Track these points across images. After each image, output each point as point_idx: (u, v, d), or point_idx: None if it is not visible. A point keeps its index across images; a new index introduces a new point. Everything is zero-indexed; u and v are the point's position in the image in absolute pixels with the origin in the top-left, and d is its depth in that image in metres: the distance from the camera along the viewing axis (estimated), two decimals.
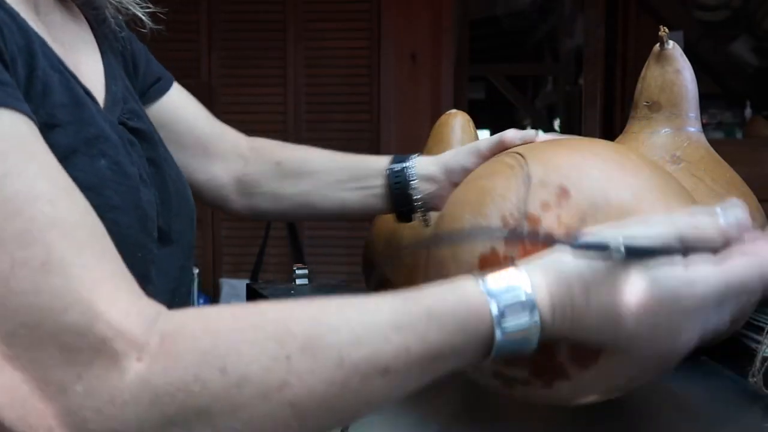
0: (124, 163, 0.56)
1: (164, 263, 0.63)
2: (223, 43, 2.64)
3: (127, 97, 0.66)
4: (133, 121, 0.64)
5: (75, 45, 0.64)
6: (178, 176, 0.69)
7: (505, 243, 0.54)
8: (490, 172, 0.60)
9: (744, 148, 2.72)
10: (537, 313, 0.45)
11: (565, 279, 0.45)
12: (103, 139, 0.55)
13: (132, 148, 0.61)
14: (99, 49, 0.68)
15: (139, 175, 0.59)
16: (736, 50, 3.23)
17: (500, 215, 0.56)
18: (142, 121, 0.65)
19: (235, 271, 2.74)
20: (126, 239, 0.52)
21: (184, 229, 0.67)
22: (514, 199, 0.55)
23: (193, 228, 0.70)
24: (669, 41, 0.79)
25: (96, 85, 0.63)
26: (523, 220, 0.54)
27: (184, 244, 0.66)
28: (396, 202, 0.79)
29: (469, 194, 0.61)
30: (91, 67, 0.65)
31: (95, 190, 0.51)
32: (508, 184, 0.56)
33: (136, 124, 0.64)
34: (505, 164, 0.59)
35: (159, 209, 0.62)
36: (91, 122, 0.54)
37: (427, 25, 2.65)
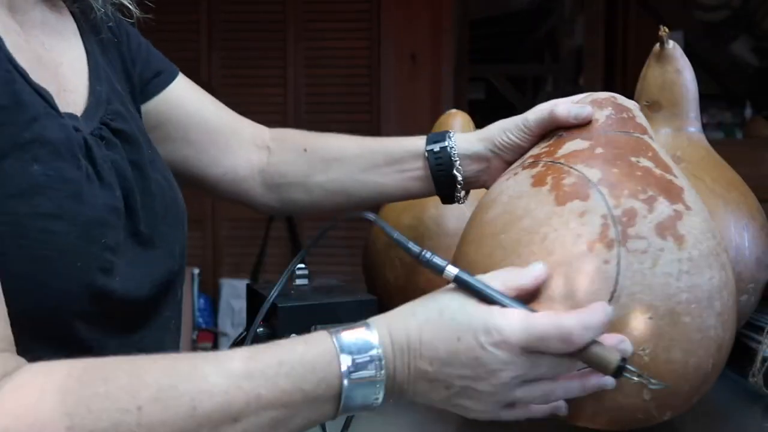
0: (64, 169, 0.53)
1: (146, 267, 0.61)
2: (223, 43, 2.64)
3: (112, 98, 0.64)
4: (116, 122, 0.62)
5: (56, 44, 0.63)
6: (165, 179, 0.67)
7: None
8: (575, 253, 0.54)
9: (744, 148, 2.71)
10: (382, 363, 0.47)
11: (406, 335, 0.48)
12: (39, 144, 0.52)
13: (113, 149, 0.60)
14: (85, 49, 0.66)
15: (99, 178, 0.56)
16: (736, 50, 3.23)
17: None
18: (126, 123, 0.63)
19: (235, 271, 2.74)
20: (62, 248, 0.51)
21: (171, 232, 0.65)
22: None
23: (182, 231, 0.68)
24: (669, 41, 0.79)
25: (78, 86, 0.62)
26: None
27: (170, 247, 0.65)
28: (439, 184, 0.74)
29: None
30: (73, 67, 0.63)
31: (24, 197, 0.49)
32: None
33: (120, 126, 0.62)
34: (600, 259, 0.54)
35: (141, 212, 0.61)
36: (29, 126, 0.52)
37: (427, 25, 2.65)
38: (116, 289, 0.56)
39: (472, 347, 0.47)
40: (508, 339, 0.47)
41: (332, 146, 0.79)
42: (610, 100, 0.65)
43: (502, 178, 0.65)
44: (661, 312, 0.52)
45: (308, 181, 0.79)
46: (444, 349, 0.48)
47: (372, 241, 1.00)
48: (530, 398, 0.50)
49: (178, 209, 0.68)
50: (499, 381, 0.48)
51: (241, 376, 0.44)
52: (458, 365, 0.48)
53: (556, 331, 0.47)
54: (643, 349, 0.52)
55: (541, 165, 0.61)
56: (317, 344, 0.47)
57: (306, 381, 0.45)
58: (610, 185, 0.56)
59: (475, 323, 0.48)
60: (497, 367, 0.47)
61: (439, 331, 0.48)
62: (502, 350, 0.47)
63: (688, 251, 0.55)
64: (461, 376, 0.48)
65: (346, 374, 0.46)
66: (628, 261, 0.53)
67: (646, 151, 0.61)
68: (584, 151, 0.60)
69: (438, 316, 0.49)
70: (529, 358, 0.47)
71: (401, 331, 0.48)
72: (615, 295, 0.52)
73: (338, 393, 0.46)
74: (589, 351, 0.48)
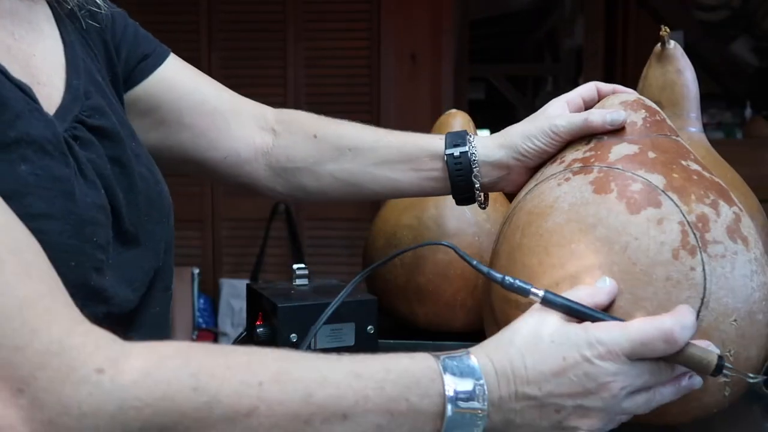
0: (53, 167, 0.52)
1: (131, 265, 0.60)
2: (223, 43, 2.64)
3: (91, 92, 0.61)
4: (93, 118, 0.59)
5: (27, 35, 0.59)
6: (150, 172, 0.65)
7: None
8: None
9: (744, 148, 2.72)
10: (485, 395, 0.46)
11: (509, 362, 0.48)
12: (26, 144, 0.50)
13: (90, 148, 0.58)
14: (62, 39, 0.63)
15: (83, 176, 0.55)
16: (736, 50, 3.23)
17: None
18: (105, 118, 0.61)
19: (235, 271, 2.73)
20: (55, 247, 0.49)
21: (156, 229, 0.64)
22: None
23: (167, 226, 0.66)
24: (670, 41, 0.79)
25: (53, 78, 0.59)
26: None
27: (154, 245, 0.63)
28: (456, 188, 0.72)
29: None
30: (47, 58, 0.60)
31: (15, 197, 0.47)
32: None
33: (98, 122, 0.60)
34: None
35: (125, 210, 0.59)
36: (12, 125, 0.50)
37: (427, 26, 2.65)
38: (107, 288, 0.56)
39: (579, 363, 0.48)
40: (612, 349, 0.48)
41: (346, 135, 0.77)
42: (640, 103, 0.65)
43: (549, 183, 0.63)
44: (742, 313, 0.54)
45: (318, 168, 0.76)
46: (550, 371, 0.48)
47: (372, 241, 1.00)
48: (635, 408, 0.50)
49: (163, 204, 0.66)
50: (609, 393, 0.48)
51: (351, 375, 0.44)
52: (567, 384, 0.48)
53: (658, 333, 0.48)
54: (729, 351, 0.54)
55: (596, 171, 0.60)
56: (421, 361, 0.47)
57: (411, 392, 0.45)
58: (676, 191, 0.57)
59: (577, 340, 0.48)
60: (607, 379, 0.48)
61: (542, 354, 0.48)
62: (608, 361, 0.48)
63: (753, 251, 0.57)
64: (572, 395, 0.48)
65: (452, 399, 0.45)
66: (711, 266, 0.54)
67: (689, 154, 0.61)
68: (636, 156, 0.60)
69: (536, 339, 0.49)
70: (634, 367, 0.48)
71: (503, 359, 0.48)
72: (705, 301, 0.53)
73: (441, 413, 0.45)
74: (688, 353, 0.49)
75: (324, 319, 0.64)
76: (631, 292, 0.54)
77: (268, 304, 0.80)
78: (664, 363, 0.50)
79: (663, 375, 0.50)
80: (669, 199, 0.56)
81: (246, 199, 2.67)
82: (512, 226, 0.64)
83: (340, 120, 0.80)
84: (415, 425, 0.45)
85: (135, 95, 0.72)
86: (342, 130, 0.78)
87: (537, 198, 0.63)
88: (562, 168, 0.63)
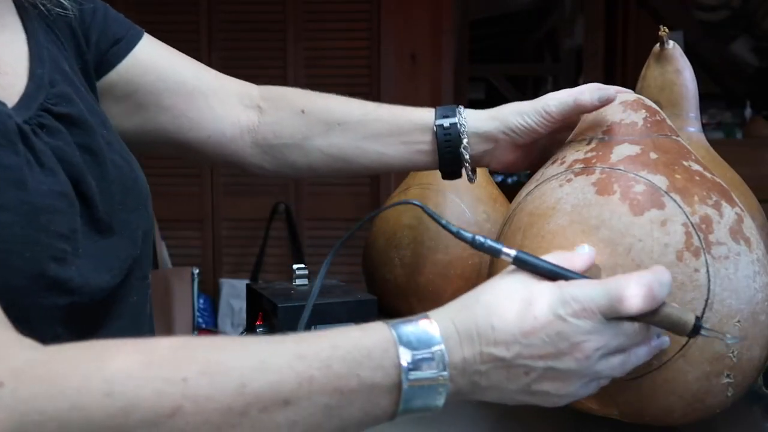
0: (1, 156, 0.51)
1: (108, 254, 0.59)
2: (223, 43, 2.64)
3: (57, 80, 0.60)
4: (60, 106, 0.58)
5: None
6: (125, 160, 0.63)
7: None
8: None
9: (744, 148, 2.72)
10: (445, 361, 0.44)
11: (474, 323, 0.45)
12: None
13: (57, 136, 0.57)
14: (24, 28, 0.62)
15: (39, 164, 0.53)
16: (736, 50, 3.23)
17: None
18: (72, 106, 0.59)
19: (235, 271, 2.73)
20: (7, 238, 0.49)
21: (132, 217, 0.62)
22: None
23: (144, 214, 0.65)
24: (669, 41, 0.79)
25: (16, 68, 0.59)
26: None
27: (130, 233, 0.62)
28: (444, 161, 0.72)
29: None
30: (11, 51, 0.59)
31: None
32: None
33: (65, 110, 0.58)
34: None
35: (98, 198, 0.58)
36: None
37: (427, 26, 2.64)
38: (72, 278, 0.54)
39: (551, 322, 0.45)
40: (588, 307, 0.45)
41: (334, 109, 0.76)
42: (640, 103, 0.64)
43: (550, 184, 0.63)
44: (746, 315, 0.54)
45: (306, 143, 0.76)
46: (520, 331, 0.45)
47: (372, 241, 1.00)
48: (609, 371, 0.48)
49: (139, 192, 0.64)
50: (583, 354, 0.45)
51: (293, 357, 0.41)
52: (538, 345, 0.45)
53: (635, 289, 0.46)
54: (732, 352, 0.54)
55: (598, 172, 0.60)
56: (374, 332, 0.44)
57: (362, 366, 0.42)
58: (679, 192, 0.57)
59: (550, 297, 0.46)
60: (581, 338, 0.45)
61: (511, 313, 0.45)
62: (583, 319, 0.45)
63: (755, 252, 0.57)
64: (543, 356, 0.45)
65: (406, 370, 0.43)
66: (715, 268, 0.54)
67: (690, 154, 0.62)
68: (638, 157, 0.60)
69: (506, 298, 0.46)
70: (610, 327, 0.46)
71: (468, 320, 0.45)
72: (708, 302, 0.53)
73: (397, 384, 0.43)
74: (665, 312, 0.47)
75: (309, 307, 0.63)
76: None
77: (268, 304, 0.80)
78: (640, 324, 0.48)
79: (639, 336, 0.48)
80: (672, 200, 0.56)
81: (246, 199, 2.67)
82: (513, 228, 0.64)
83: (327, 94, 0.79)
84: (369, 400, 0.42)
85: (110, 81, 0.70)
86: (330, 104, 0.77)
87: (538, 199, 0.62)
88: (564, 169, 0.63)
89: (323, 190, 2.64)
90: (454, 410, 0.69)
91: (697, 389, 0.55)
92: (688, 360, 0.54)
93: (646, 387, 0.55)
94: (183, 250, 2.71)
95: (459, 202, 0.94)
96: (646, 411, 0.57)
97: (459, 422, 0.66)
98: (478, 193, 0.95)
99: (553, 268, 0.48)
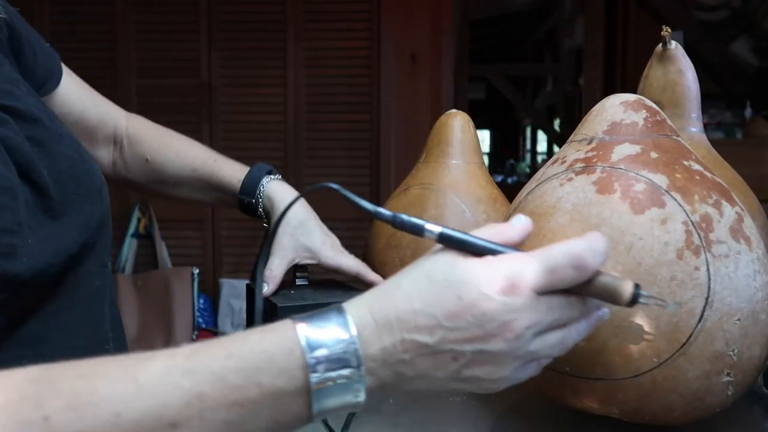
0: None
1: (57, 241, 0.58)
2: (223, 43, 2.64)
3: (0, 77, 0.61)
4: (4, 99, 0.59)
5: None
6: (77, 154, 0.64)
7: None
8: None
9: (744, 148, 2.72)
10: (359, 357, 0.41)
11: (393, 309, 0.42)
12: None
13: (5, 126, 0.57)
14: None
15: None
16: (736, 50, 3.23)
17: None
18: (18, 101, 0.60)
19: (235, 271, 2.73)
20: None
21: (86, 205, 0.62)
22: None
23: (100, 202, 0.65)
24: (671, 41, 0.79)
25: None
26: None
27: (85, 219, 0.62)
28: (246, 212, 0.88)
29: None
30: None
31: None
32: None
33: (10, 103, 0.59)
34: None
35: (51, 188, 0.58)
36: None
37: (427, 26, 2.65)
38: (22, 272, 0.53)
39: (478, 301, 0.41)
40: (516, 282, 0.42)
41: (168, 169, 0.89)
42: (641, 103, 0.65)
43: (551, 183, 0.63)
44: (746, 313, 0.55)
45: (148, 187, 0.92)
46: (444, 314, 0.41)
47: (372, 241, 1.00)
48: (547, 350, 0.44)
49: (93, 181, 0.65)
50: (513, 334, 0.42)
51: (180, 374, 0.38)
52: (465, 327, 0.41)
53: (566, 258, 0.42)
54: (732, 350, 0.54)
55: (599, 171, 0.60)
56: (275, 334, 0.41)
57: (262, 373, 0.39)
58: (679, 191, 0.57)
59: (475, 275, 0.42)
60: (510, 317, 0.41)
61: (434, 295, 0.42)
62: (511, 296, 0.42)
63: (756, 251, 0.57)
64: (470, 339, 0.42)
65: (314, 369, 0.40)
66: (715, 266, 0.54)
67: (690, 154, 0.62)
68: (639, 156, 0.60)
69: (428, 280, 0.43)
70: (541, 301, 0.42)
71: (386, 307, 0.42)
72: (709, 300, 0.54)
73: (305, 387, 0.40)
74: (601, 281, 0.44)
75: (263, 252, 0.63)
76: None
77: (267, 303, 0.80)
78: (575, 296, 0.44)
79: (575, 310, 0.44)
80: (672, 199, 0.56)
81: None
82: None
83: (171, 141, 0.91)
84: (275, 408, 0.39)
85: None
86: (166, 161, 0.89)
87: (539, 198, 0.63)
88: (564, 168, 0.63)
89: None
90: (453, 410, 0.69)
91: (698, 388, 0.55)
92: (688, 358, 0.54)
93: (646, 385, 0.55)
94: (183, 250, 2.71)
95: (459, 202, 0.94)
96: (646, 410, 0.57)
97: (459, 422, 0.66)
98: (479, 193, 0.95)
99: (480, 242, 0.45)
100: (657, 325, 0.54)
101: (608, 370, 0.56)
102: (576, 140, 0.66)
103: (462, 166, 0.97)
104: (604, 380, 0.56)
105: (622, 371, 0.55)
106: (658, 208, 0.56)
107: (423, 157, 1.01)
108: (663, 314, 0.54)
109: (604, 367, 0.56)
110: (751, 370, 0.57)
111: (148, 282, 2.58)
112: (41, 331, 0.58)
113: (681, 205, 0.56)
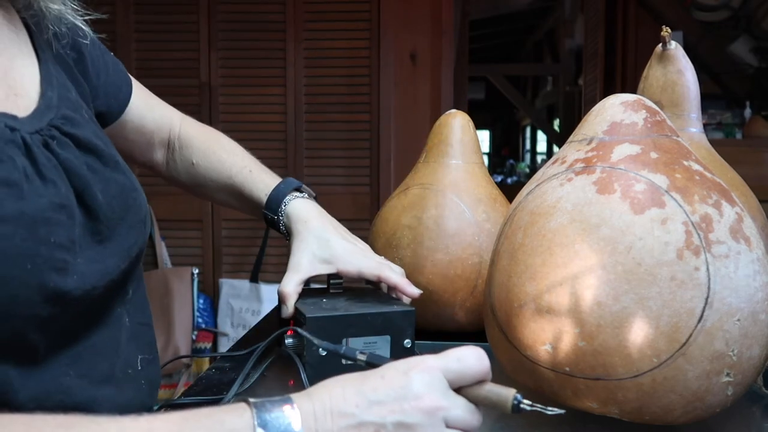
0: (2, 171, 0.52)
1: (102, 264, 0.60)
2: (223, 43, 2.64)
3: (63, 105, 0.64)
4: (67, 126, 0.62)
5: (5, 50, 0.63)
6: (128, 180, 0.67)
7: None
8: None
9: (744, 148, 2.72)
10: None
11: (328, 395, 0.48)
12: None
13: (66, 149, 0.60)
14: (37, 56, 0.66)
15: (40, 176, 0.55)
16: (736, 50, 3.23)
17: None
18: (78, 128, 0.63)
19: (235, 271, 2.73)
20: (7, 251, 0.49)
21: (130, 233, 0.65)
22: None
23: (142, 233, 0.68)
24: (671, 41, 0.79)
25: (30, 91, 0.62)
26: None
27: (127, 247, 0.65)
28: (273, 227, 0.92)
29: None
30: (24, 71, 0.63)
31: None
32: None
33: (71, 130, 0.62)
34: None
35: (100, 212, 0.60)
36: None
37: (427, 26, 2.64)
38: (72, 289, 0.55)
39: (396, 377, 0.49)
40: (430, 365, 0.50)
41: (210, 174, 0.94)
42: (641, 103, 0.65)
43: (551, 183, 0.63)
44: (746, 313, 0.55)
45: (193, 189, 0.97)
46: (369, 390, 0.48)
47: (372, 241, 1.00)
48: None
49: (139, 211, 0.68)
50: (427, 406, 0.48)
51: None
52: (385, 400, 0.48)
53: (468, 350, 0.51)
54: (732, 350, 0.54)
55: (599, 171, 0.60)
56: (232, 407, 0.46)
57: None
58: (679, 191, 0.57)
59: (397, 363, 0.51)
60: (422, 390, 0.48)
61: (362, 380, 0.49)
62: (424, 373, 0.49)
63: (755, 251, 0.57)
64: (391, 411, 0.48)
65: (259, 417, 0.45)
66: (715, 266, 0.54)
67: (690, 154, 0.62)
68: (639, 156, 0.60)
69: (360, 374, 0.51)
70: (451, 394, 0.50)
71: (323, 395, 0.48)
72: (709, 300, 0.54)
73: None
74: (485, 391, 0.51)
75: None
76: (635, 292, 0.54)
77: (297, 311, 0.78)
78: (473, 405, 0.51)
79: (475, 419, 0.51)
80: (672, 199, 0.56)
81: None
82: (514, 226, 0.64)
83: (224, 143, 0.95)
84: None
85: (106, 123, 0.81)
86: (211, 166, 0.93)
87: (539, 198, 0.63)
88: (564, 168, 0.63)
89: (323, 190, 2.64)
90: None
91: (697, 388, 0.55)
92: (688, 358, 0.54)
93: (646, 385, 0.55)
94: (183, 250, 2.71)
95: (459, 202, 0.94)
96: (646, 409, 0.57)
97: None
98: (478, 193, 0.95)
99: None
100: (657, 325, 0.54)
101: (608, 370, 0.56)
102: (576, 140, 0.66)
103: (462, 166, 0.97)
104: (604, 380, 0.56)
105: (622, 371, 0.55)
106: (658, 208, 0.56)
107: (423, 157, 1.01)
108: (663, 314, 0.54)
109: (604, 367, 0.56)
110: (750, 370, 0.57)
111: (147, 282, 2.56)
112: (80, 351, 0.60)
113: (681, 205, 0.56)
